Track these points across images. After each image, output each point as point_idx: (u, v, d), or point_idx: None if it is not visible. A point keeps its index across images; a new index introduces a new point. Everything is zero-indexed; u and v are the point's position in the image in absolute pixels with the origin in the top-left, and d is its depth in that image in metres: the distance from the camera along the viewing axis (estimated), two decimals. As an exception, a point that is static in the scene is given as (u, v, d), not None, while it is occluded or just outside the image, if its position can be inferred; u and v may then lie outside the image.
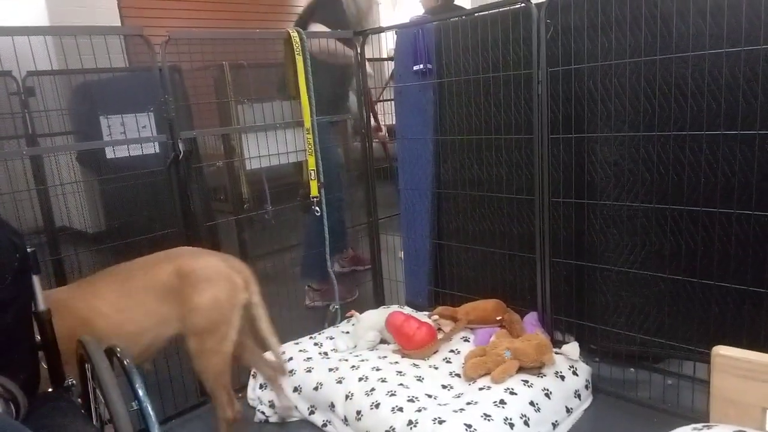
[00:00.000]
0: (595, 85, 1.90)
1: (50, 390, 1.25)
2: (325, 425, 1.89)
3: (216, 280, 1.66)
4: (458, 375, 1.90)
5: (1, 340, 1.16)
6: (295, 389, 1.96)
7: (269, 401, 2.00)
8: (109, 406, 1.01)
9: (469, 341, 2.12)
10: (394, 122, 2.65)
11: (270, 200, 3.27)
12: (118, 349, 1.17)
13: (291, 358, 2.07)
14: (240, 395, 2.10)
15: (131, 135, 2.48)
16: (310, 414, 1.93)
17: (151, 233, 2.26)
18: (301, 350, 2.12)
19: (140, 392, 1.11)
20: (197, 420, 2.02)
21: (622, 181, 1.90)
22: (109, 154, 2.60)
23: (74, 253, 2.57)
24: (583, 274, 2.04)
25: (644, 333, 1.92)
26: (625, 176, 1.89)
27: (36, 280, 1.24)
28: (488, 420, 1.61)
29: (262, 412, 2.00)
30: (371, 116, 2.84)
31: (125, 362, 1.20)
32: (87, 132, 2.91)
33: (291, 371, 2.00)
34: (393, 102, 2.65)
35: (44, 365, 1.27)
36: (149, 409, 1.09)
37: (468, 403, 1.70)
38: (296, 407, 1.97)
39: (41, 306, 1.24)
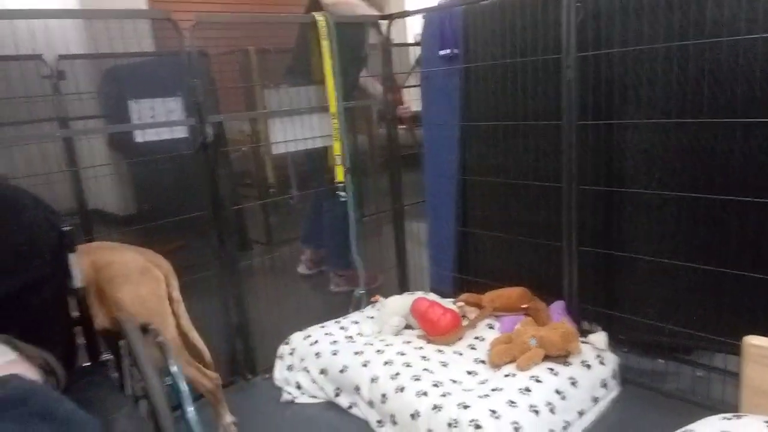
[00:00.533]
0: (626, 71, 1.86)
1: (87, 365, 1.28)
2: (350, 407, 1.91)
3: (134, 275, 1.62)
4: (483, 361, 1.90)
5: (39, 315, 1.19)
6: (322, 371, 1.98)
7: (296, 382, 2.03)
8: (145, 381, 1.04)
9: (493, 328, 2.11)
10: (419, 109, 2.64)
11: (295, 185, 3.29)
12: (152, 327, 1.20)
13: (317, 341, 2.09)
14: (267, 376, 2.14)
15: (159, 119, 2.51)
16: (336, 396, 1.95)
17: (180, 216, 2.29)
18: (326, 333, 2.14)
19: (174, 368, 1.14)
20: (226, 400, 2.05)
21: (652, 168, 1.86)
22: (138, 138, 2.64)
23: (107, 234, 2.62)
24: (612, 264, 2.02)
25: (674, 324, 1.89)
26: (656, 164, 1.86)
27: (72, 257, 1.27)
28: (513, 406, 1.61)
29: (289, 393, 2.03)
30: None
31: (158, 339, 1.23)
32: (116, 116, 2.95)
33: (317, 354, 2.03)
34: (418, 88, 2.64)
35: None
36: (183, 384, 1.11)
37: (493, 390, 1.70)
38: (322, 389, 2.00)
39: (77, 283, 1.27)
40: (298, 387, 2.03)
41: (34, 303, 1.16)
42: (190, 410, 1.10)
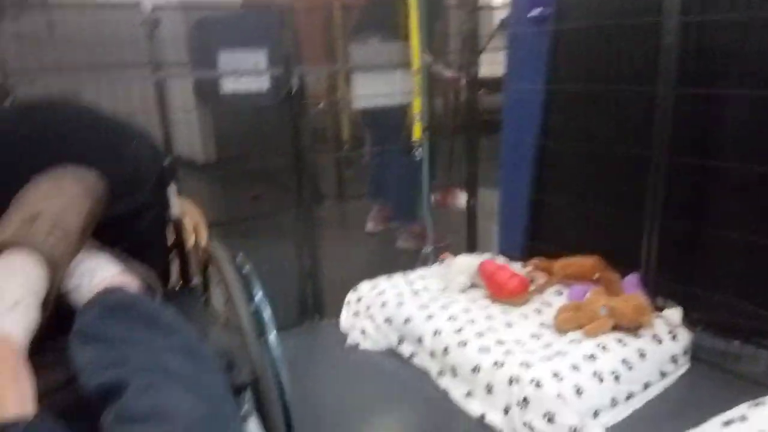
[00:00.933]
0: (731, 39, 1.75)
1: (179, 287, 1.39)
2: (411, 356, 1.97)
3: None
4: (548, 326, 1.90)
5: (142, 238, 1.29)
6: (386, 320, 2.05)
7: (361, 328, 2.11)
8: (234, 304, 1.12)
9: (561, 295, 2.10)
10: (501, 73, 2.59)
11: (371, 141, 3.33)
12: (240, 256, 1.28)
13: (383, 291, 2.15)
14: (334, 320, 2.23)
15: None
16: (398, 344, 2.01)
17: (262, 164, 2.39)
18: (393, 285, 2.20)
19: (258, 296, 1.22)
20: (295, 338, 2.16)
21: (751, 143, 1.76)
22: (224, 88, 2.74)
23: (189, 180, 2.77)
24: (694, 239, 1.94)
25: (756, 305, 1.81)
26: (755, 139, 1.75)
27: (171, 189, 1.36)
28: (576, 371, 1.61)
29: (354, 338, 2.11)
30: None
31: (243, 270, 1.31)
32: (205, 65, 3.07)
33: (383, 303, 2.09)
34: (502, 51, 2.58)
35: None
36: (267, 311, 1.18)
37: (557, 353, 1.70)
38: (386, 337, 2.06)
39: (175, 213, 1.36)
40: (363, 333, 2.11)
41: (139, 226, 1.26)
42: (272, 335, 1.18)
